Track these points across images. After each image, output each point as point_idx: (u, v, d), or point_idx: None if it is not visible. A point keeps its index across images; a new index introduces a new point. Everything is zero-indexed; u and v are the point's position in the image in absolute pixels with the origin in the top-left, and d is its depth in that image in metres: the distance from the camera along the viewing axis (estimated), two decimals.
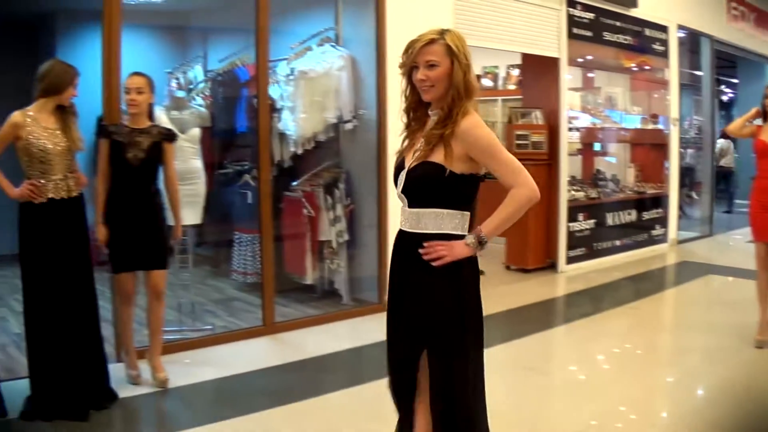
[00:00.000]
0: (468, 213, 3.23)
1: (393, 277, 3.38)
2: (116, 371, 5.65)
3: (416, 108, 3.32)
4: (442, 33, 3.16)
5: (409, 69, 3.23)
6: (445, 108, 3.15)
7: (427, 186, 3.17)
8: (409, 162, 3.22)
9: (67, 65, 5.03)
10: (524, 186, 3.12)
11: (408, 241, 3.25)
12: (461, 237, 3.15)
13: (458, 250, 3.12)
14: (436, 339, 3.17)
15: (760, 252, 6.65)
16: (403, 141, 3.36)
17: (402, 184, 3.25)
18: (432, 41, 3.13)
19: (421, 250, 3.15)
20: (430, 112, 3.25)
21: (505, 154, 3.15)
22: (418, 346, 3.21)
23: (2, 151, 4.89)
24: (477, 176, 3.19)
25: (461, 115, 3.11)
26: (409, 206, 3.24)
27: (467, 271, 3.20)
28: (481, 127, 3.12)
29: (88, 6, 7.05)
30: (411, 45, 3.18)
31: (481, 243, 3.13)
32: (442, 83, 3.14)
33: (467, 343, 3.20)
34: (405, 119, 3.38)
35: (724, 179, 17.25)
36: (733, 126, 7.12)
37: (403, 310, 3.28)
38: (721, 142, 16.94)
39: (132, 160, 5.32)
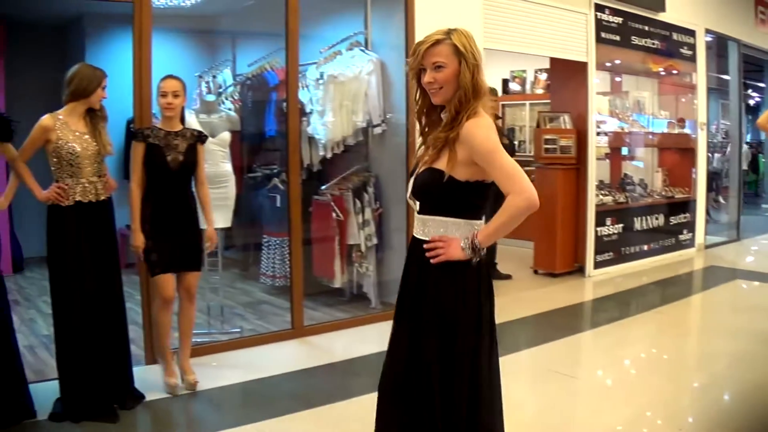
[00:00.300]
0: (478, 221, 3.15)
1: (401, 282, 3.32)
2: (145, 373, 5.73)
3: (429, 112, 3.23)
4: (449, 33, 3.07)
5: (418, 72, 3.14)
6: (452, 110, 3.06)
7: (429, 193, 3.12)
8: (420, 167, 3.16)
9: (93, 68, 5.05)
10: (520, 194, 2.95)
11: (415, 246, 3.21)
12: None
13: (453, 251, 3.04)
14: (435, 341, 3.10)
15: None
16: (420, 146, 3.27)
17: (410, 189, 3.21)
18: (437, 42, 3.04)
19: (425, 245, 3.11)
20: (442, 115, 3.17)
21: (502, 159, 2.97)
22: (423, 351, 3.14)
23: (32, 154, 4.97)
24: (485, 183, 3.08)
25: (468, 118, 3.01)
26: (418, 212, 3.19)
27: (470, 275, 3.11)
28: (482, 129, 3.00)
29: (118, 9, 7.10)
30: (417, 47, 3.10)
31: (474, 249, 3.04)
32: (450, 85, 3.05)
33: (469, 348, 3.09)
34: (419, 124, 3.30)
35: None
36: (762, 118, 7.12)
37: (406, 313, 3.22)
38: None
39: (171, 164, 5.32)
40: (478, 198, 3.12)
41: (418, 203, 3.18)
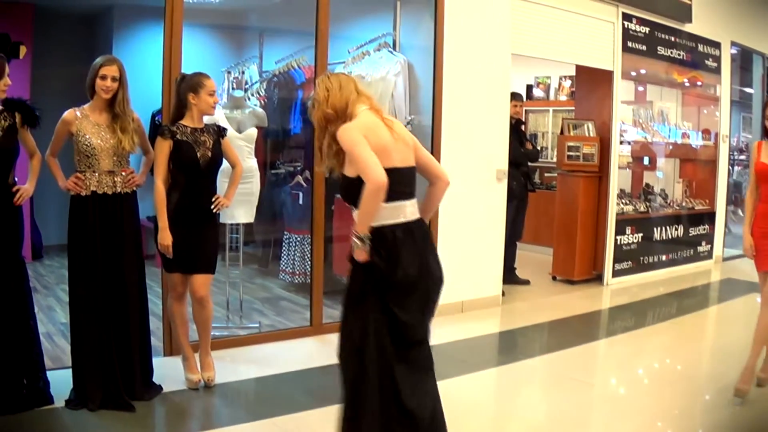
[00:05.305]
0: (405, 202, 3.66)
1: None
2: (164, 365, 5.75)
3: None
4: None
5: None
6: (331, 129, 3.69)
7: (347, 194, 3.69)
8: None
9: (100, 58, 5.02)
10: (368, 181, 3.38)
11: None
12: None
13: (357, 252, 3.56)
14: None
15: (762, 283, 5.96)
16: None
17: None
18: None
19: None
20: None
21: (356, 152, 3.45)
22: None
23: (59, 146, 5.08)
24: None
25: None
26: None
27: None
28: (343, 132, 3.53)
29: (149, 2, 7.12)
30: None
31: (359, 239, 3.49)
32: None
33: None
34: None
35: None
36: None
37: None
38: None
39: (201, 160, 5.26)
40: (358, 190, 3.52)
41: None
